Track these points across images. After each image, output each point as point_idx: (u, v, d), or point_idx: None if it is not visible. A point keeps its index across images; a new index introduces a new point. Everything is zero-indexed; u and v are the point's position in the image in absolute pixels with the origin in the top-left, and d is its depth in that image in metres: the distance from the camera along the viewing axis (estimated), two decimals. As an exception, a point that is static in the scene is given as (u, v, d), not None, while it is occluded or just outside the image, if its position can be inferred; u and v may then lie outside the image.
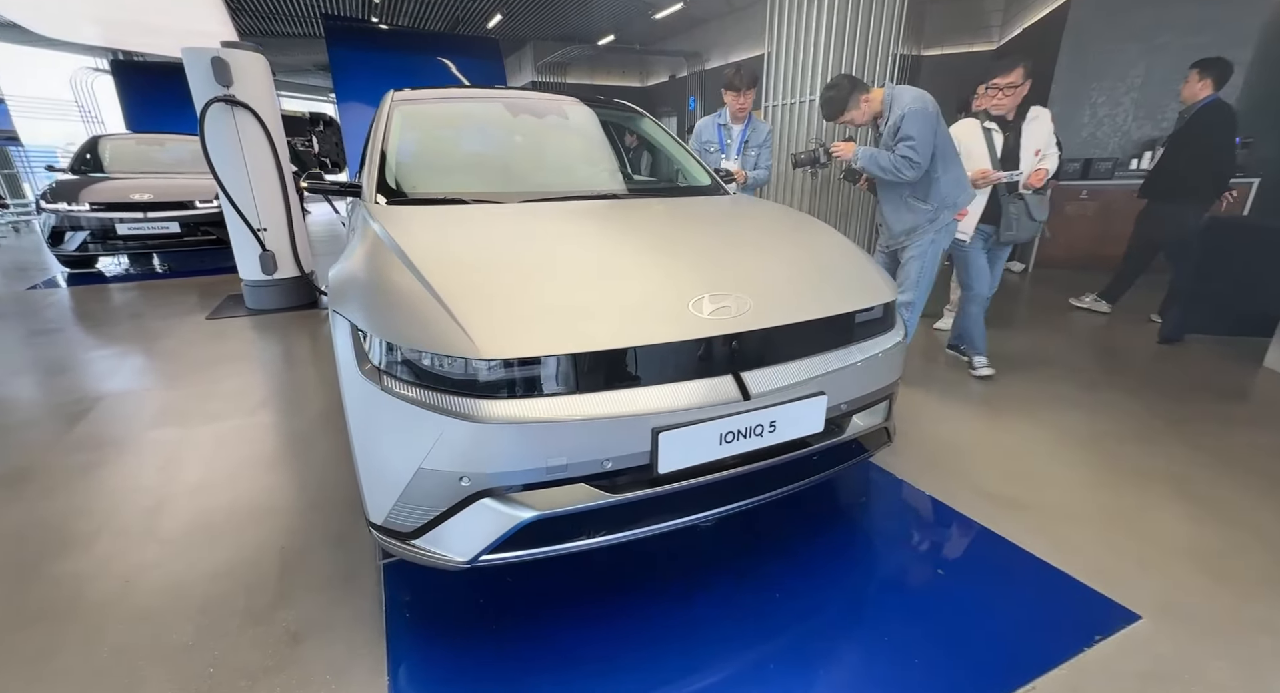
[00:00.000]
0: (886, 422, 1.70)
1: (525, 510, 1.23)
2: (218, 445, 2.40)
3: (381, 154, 2.11)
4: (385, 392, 1.23)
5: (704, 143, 3.47)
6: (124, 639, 1.42)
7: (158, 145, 7.23)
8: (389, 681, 1.30)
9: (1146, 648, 1.39)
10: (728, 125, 3.41)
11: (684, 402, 1.29)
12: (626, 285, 1.43)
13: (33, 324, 4.29)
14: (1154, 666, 1.34)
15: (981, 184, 2.91)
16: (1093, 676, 1.31)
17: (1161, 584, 1.60)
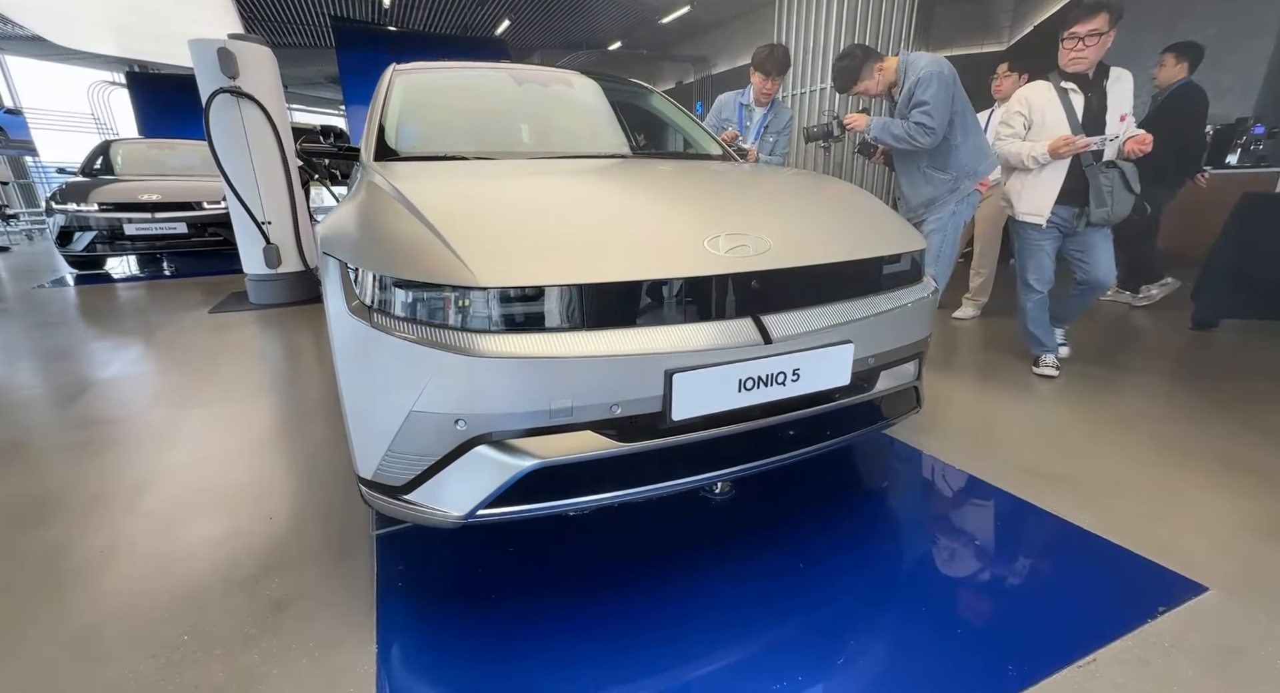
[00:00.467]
0: (916, 381, 1.57)
1: (526, 459, 1.12)
2: (211, 426, 2.31)
3: (381, 119, 2.04)
4: (376, 329, 1.13)
5: (723, 120, 3.31)
6: (96, 607, 1.31)
7: (168, 150, 7.29)
8: (377, 649, 1.18)
9: (1219, 620, 1.24)
10: (750, 106, 3.25)
11: (700, 343, 1.17)
12: (636, 223, 1.33)
13: (36, 318, 4.26)
14: (1230, 639, 1.19)
15: (1065, 152, 2.40)
16: (1161, 648, 1.16)
17: (1227, 556, 1.45)
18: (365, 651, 1.18)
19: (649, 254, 1.22)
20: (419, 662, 1.17)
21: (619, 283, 1.14)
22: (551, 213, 1.32)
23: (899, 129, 2.49)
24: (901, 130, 2.48)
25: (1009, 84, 3.74)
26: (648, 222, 1.34)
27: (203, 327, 3.92)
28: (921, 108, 2.41)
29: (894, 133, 2.51)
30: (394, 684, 1.11)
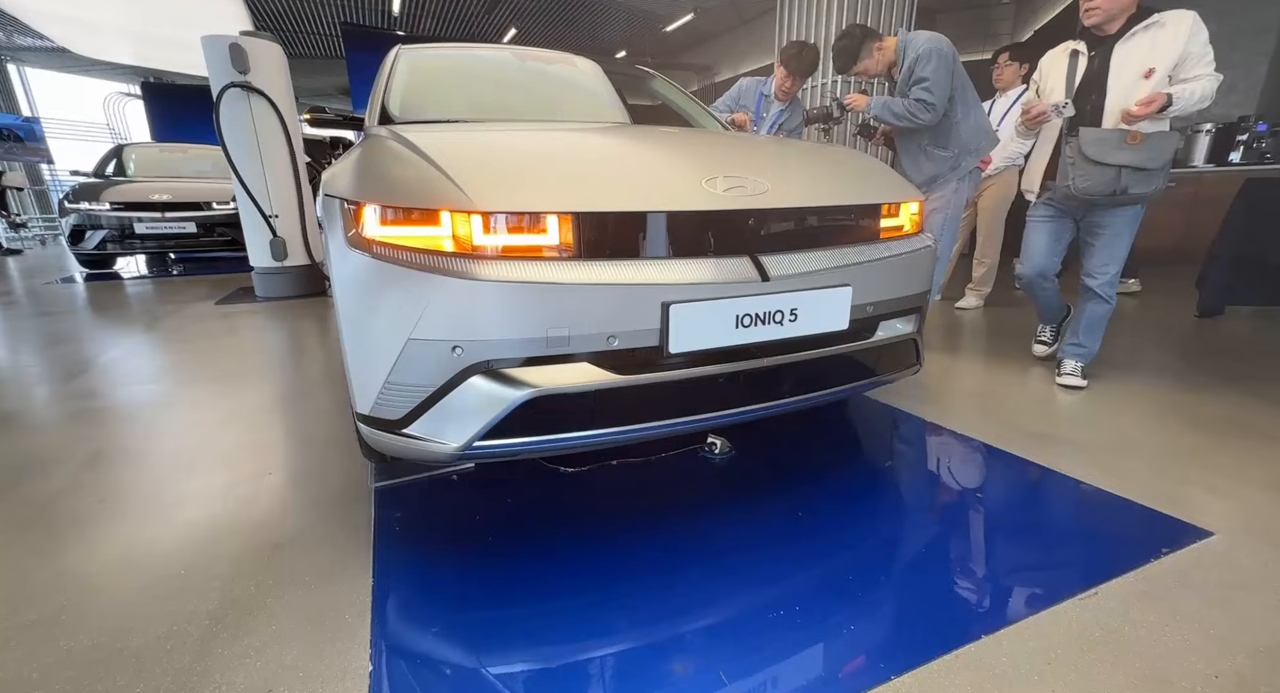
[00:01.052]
0: (915, 334, 1.57)
1: (523, 389, 1.12)
2: (212, 397, 2.32)
3: (385, 92, 2.07)
4: (374, 259, 1.14)
5: (740, 105, 3.24)
6: (93, 547, 1.31)
7: (180, 154, 7.42)
8: (373, 582, 1.17)
9: (1225, 561, 1.22)
10: (769, 97, 3.18)
11: (697, 277, 1.18)
12: (634, 164, 1.35)
13: (43, 308, 4.31)
14: (1236, 576, 1.17)
15: (1028, 122, 2.24)
16: (1164, 584, 1.14)
17: (1233, 505, 1.43)
18: (362, 584, 1.17)
19: (646, 189, 1.23)
20: (416, 596, 1.16)
21: (616, 212, 1.16)
22: (551, 153, 1.35)
23: (900, 107, 2.51)
24: (902, 108, 2.50)
25: (1010, 73, 3.77)
26: (646, 164, 1.36)
27: (208, 316, 3.96)
28: (922, 85, 2.44)
29: (895, 111, 2.53)
30: (391, 613, 1.10)
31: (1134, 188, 2.01)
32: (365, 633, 1.04)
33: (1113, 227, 2.13)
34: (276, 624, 1.06)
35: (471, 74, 2.35)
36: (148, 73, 12.52)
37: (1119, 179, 2.02)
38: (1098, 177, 2.05)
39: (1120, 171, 2.02)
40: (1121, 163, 2.01)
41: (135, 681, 0.93)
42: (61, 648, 1.00)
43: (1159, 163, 1.97)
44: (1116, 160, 2.01)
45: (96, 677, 0.94)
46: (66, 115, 13.38)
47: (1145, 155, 1.98)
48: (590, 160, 1.34)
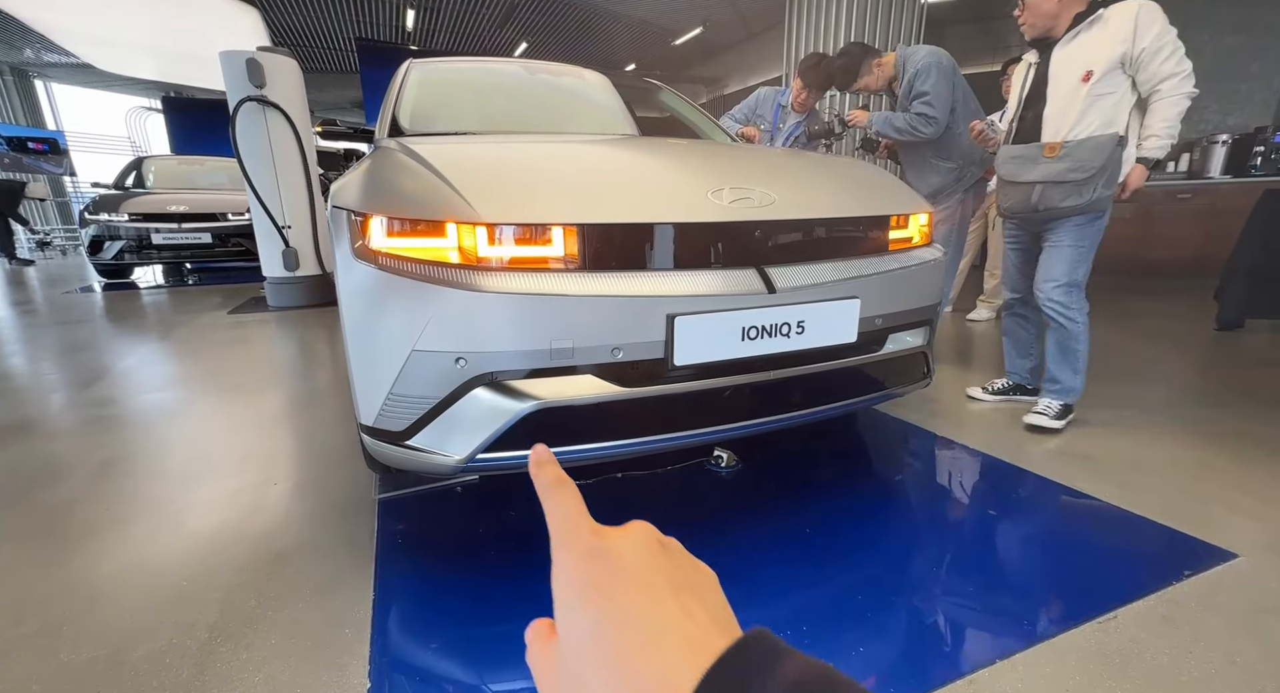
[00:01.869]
0: (926, 347, 1.54)
1: (526, 401, 1.11)
2: (223, 406, 2.33)
3: (395, 105, 2.10)
4: (379, 269, 1.14)
5: (756, 115, 3.20)
6: (99, 555, 1.31)
7: (197, 166, 7.58)
8: (374, 597, 1.16)
9: (1251, 583, 1.18)
10: (787, 109, 3.13)
11: (702, 288, 1.17)
12: (639, 176, 1.35)
13: (61, 317, 4.39)
14: (1262, 600, 1.13)
15: (978, 143, 2.22)
16: (1187, 607, 1.10)
17: (1259, 526, 1.38)
18: (363, 598, 1.16)
19: (651, 200, 1.23)
20: (416, 611, 1.15)
21: (620, 224, 1.15)
22: (556, 165, 1.35)
23: (901, 122, 2.51)
24: (904, 122, 2.50)
25: None
26: (652, 175, 1.36)
27: (220, 325, 4.00)
28: (922, 99, 2.44)
29: (896, 125, 2.53)
30: (391, 628, 1.09)
31: (1059, 202, 1.89)
32: (364, 649, 1.03)
33: (1053, 239, 1.97)
34: (275, 638, 1.05)
35: (481, 87, 2.38)
36: (168, 87, 12.83)
37: (1036, 196, 1.92)
38: (1016, 195, 1.98)
39: (1036, 188, 1.92)
40: (1037, 178, 1.91)
41: (133, 694, 0.92)
42: (62, 660, 0.99)
43: (1086, 171, 1.82)
44: (1032, 177, 1.92)
45: (94, 690, 0.93)
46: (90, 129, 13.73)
47: (1066, 167, 1.85)
48: (596, 172, 1.35)
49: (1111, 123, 1.83)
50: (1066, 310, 1.96)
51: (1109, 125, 1.83)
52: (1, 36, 9.40)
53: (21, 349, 3.40)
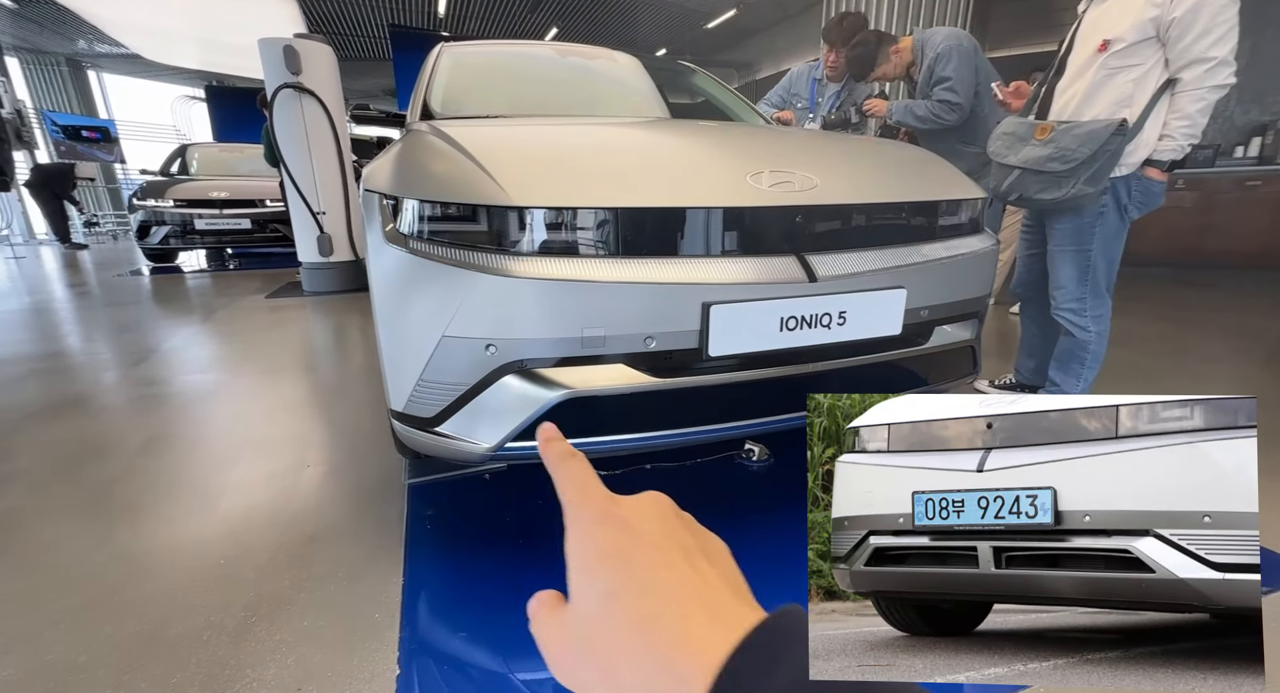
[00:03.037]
0: (973, 341, 1.46)
1: (556, 390, 1.08)
2: (259, 388, 2.39)
3: (427, 89, 2.08)
4: (410, 253, 1.12)
5: (792, 95, 3.09)
6: (142, 530, 1.35)
7: (237, 153, 7.78)
8: (404, 581, 1.17)
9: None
10: (823, 82, 2.99)
11: (740, 276, 1.12)
12: (675, 158, 1.30)
13: (111, 298, 4.58)
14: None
15: None
16: (1266, 628, 1.02)
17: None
18: (393, 582, 1.16)
19: (687, 184, 1.18)
20: (445, 596, 1.15)
21: (654, 208, 1.11)
22: (590, 147, 1.31)
23: (923, 110, 2.38)
24: (925, 110, 2.37)
25: None
26: (688, 158, 1.31)
27: (259, 309, 4.11)
28: (944, 85, 2.31)
29: (917, 114, 2.41)
30: (420, 613, 1.09)
31: (1033, 193, 1.69)
32: (394, 633, 1.03)
33: (1056, 238, 1.78)
34: (308, 620, 1.06)
35: (513, 70, 2.35)
36: (211, 76, 13.20)
37: (1010, 182, 1.72)
38: (998, 176, 1.75)
39: (1013, 173, 1.71)
40: (1018, 163, 1.70)
41: (172, 670, 0.94)
42: (106, 633, 1.02)
43: (1068, 162, 1.59)
44: (1015, 159, 1.71)
45: (136, 664, 0.96)
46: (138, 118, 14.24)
47: (1048, 153, 1.63)
48: (630, 155, 1.30)
49: (1126, 104, 1.58)
50: (1078, 318, 1.80)
51: (1122, 107, 1.58)
52: (58, 28, 9.77)
53: (76, 329, 3.56)
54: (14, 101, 8.21)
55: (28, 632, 1.03)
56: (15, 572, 1.20)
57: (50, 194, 8.78)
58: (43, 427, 1.97)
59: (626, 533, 0.23)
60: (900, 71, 2.49)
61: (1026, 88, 2.03)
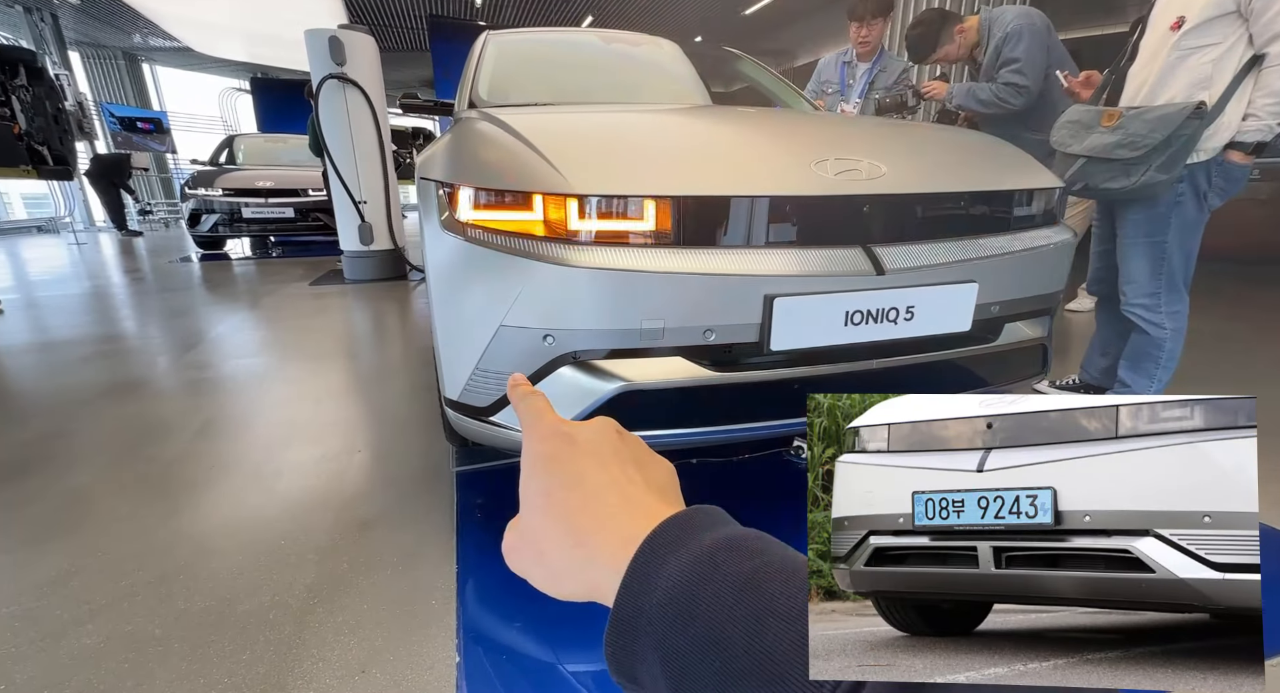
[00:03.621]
0: (1045, 338, 1.39)
1: (613, 381, 1.07)
2: (306, 374, 2.45)
3: (474, 77, 2.08)
4: (468, 242, 1.12)
5: (822, 83, 3.00)
6: (205, 510, 1.40)
7: (281, 143, 7.99)
8: (457, 568, 1.17)
9: None
10: (852, 63, 2.88)
11: (804, 268, 1.08)
12: (738, 146, 1.26)
13: (166, 284, 4.77)
14: None
15: None
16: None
17: None
18: (446, 570, 1.17)
19: (751, 172, 1.14)
20: (498, 586, 1.15)
21: (718, 197, 1.07)
22: (648, 134, 1.28)
23: (986, 93, 2.26)
24: (989, 94, 2.25)
25: None
26: (750, 146, 1.27)
27: (302, 295, 4.23)
28: (1012, 66, 2.18)
29: (980, 98, 2.28)
30: (475, 602, 1.10)
31: (1100, 183, 1.61)
32: (450, 620, 1.04)
33: (1126, 230, 1.69)
34: (367, 603, 1.07)
35: (559, 57, 2.32)
36: (255, 69, 13.57)
37: (1075, 171, 1.63)
38: (1062, 166, 1.65)
39: (1077, 162, 1.62)
40: (1082, 151, 1.62)
41: (241, 646, 0.97)
42: (179, 608, 1.06)
43: (1139, 148, 1.50)
44: (1080, 148, 1.63)
45: (208, 639, 0.98)
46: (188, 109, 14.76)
47: (1115, 140, 1.54)
48: (691, 142, 1.27)
49: (1203, 86, 1.48)
50: (1150, 314, 1.70)
51: (1199, 89, 1.48)
52: (117, 23, 10.17)
53: (133, 314, 3.71)
54: (76, 94, 8.59)
55: (107, 602, 1.07)
56: (93, 544, 1.25)
57: (108, 183, 9.20)
58: (108, 407, 2.06)
59: (566, 443, 0.26)
60: (964, 53, 2.37)
61: (1097, 77, 1.92)
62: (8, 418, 1.97)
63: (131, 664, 0.93)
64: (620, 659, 0.21)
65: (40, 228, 10.04)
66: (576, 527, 0.24)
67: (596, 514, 0.24)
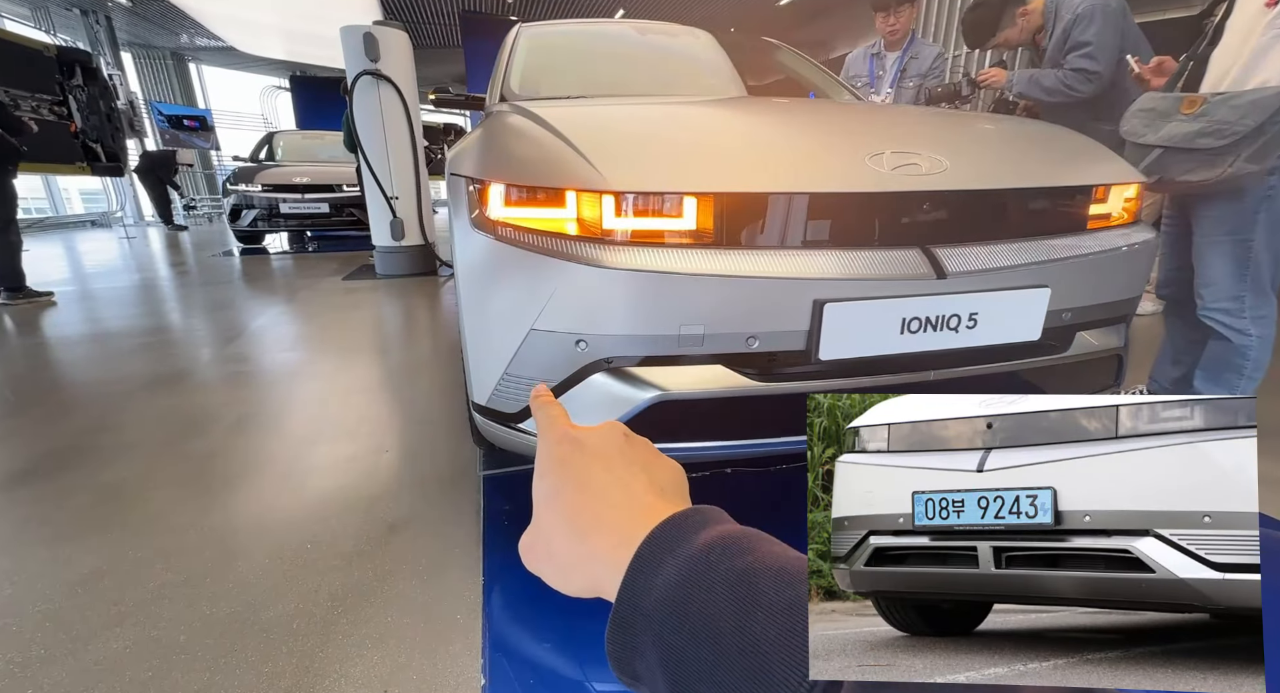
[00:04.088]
0: (1121, 348, 1.27)
1: (649, 390, 1.00)
2: (338, 370, 2.46)
3: (506, 70, 2.03)
4: (499, 241, 1.07)
5: (851, 78, 2.92)
6: (236, 508, 1.39)
7: (317, 140, 8.16)
8: (484, 580, 1.13)
9: None
10: (880, 55, 2.78)
11: (858, 271, 1.00)
12: (785, 139, 1.17)
13: (207, 278, 4.91)
14: None
15: None
16: None
17: None
18: (472, 580, 1.13)
19: (799, 167, 1.06)
20: (525, 600, 1.10)
21: (763, 193, 1.00)
22: (688, 128, 1.21)
23: (1051, 80, 2.09)
24: (1054, 81, 2.08)
25: None
26: (798, 138, 1.18)
27: (336, 290, 4.29)
28: (1082, 50, 2.00)
29: (1045, 85, 2.11)
30: (501, 617, 1.05)
31: (1180, 175, 1.46)
32: (476, 637, 0.99)
33: (1205, 227, 1.56)
34: (391, 615, 1.04)
35: (592, 49, 2.26)
36: (295, 67, 13.92)
37: (1150, 163, 1.49)
38: (1133, 158, 1.51)
39: (1154, 153, 1.49)
40: (1158, 142, 1.48)
41: (264, 658, 0.94)
42: (204, 613, 1.04)
43: (1225, 137, 1.37)
44: (1156, 138, 1.49)
45: (232, 648, 0.96)
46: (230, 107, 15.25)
47: (1198, 129, 1.40)
48: (735, 135, 1.19)
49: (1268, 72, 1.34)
50: (1232, 320, 1.55)
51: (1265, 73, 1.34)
52: (166, 24, 10.54)
53: (178, 306, 3.82)
54: (127, 93, 8.94)
55: (138, 603, 1.07)
56: (128, 541, 1.26)
57: (155, 179, 9.56)
58: (150, 400, 2.10)
59: (575, 447, 0.28)
60: (1025, 37, 2.20)
61: (1171, 63, 1.75)
62: (59, 409, 2.03)
63: (155, 673, 0.91)
64: (621, 656, 0.22)
65: (94, 222, 10.52)
66: (581, 526, 0.25)
67: (600, 514, 0.25)
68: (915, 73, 2.70)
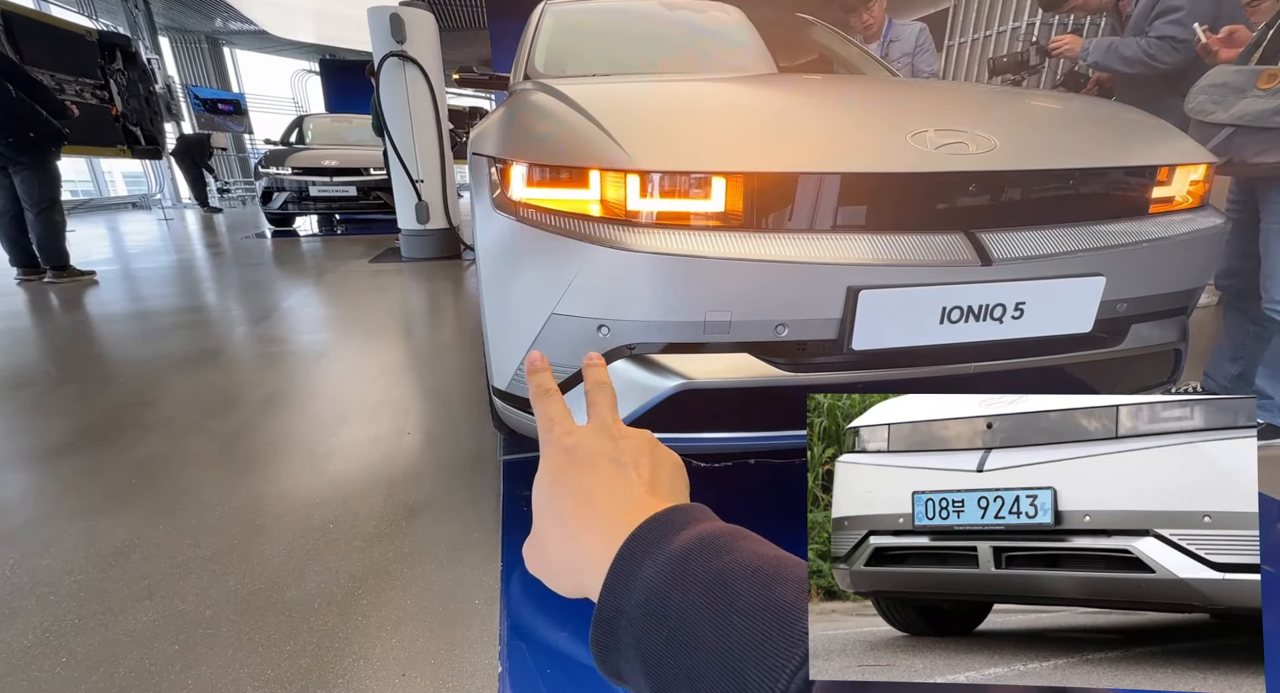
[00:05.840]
0: (1180, 342, 1.18)
1: (672, 378, 0.97)
2: (363, 351, 2.48)
3: (530, 49, 1.99)
4: (521, 222, 1.04)
5: None
6: (260, 488, 1.41)
7: (346, 123, 8.23)
8: (502, 566, 1.13)
9: None
10: None
11: (895, 256, 0.94)
12: (820, 116, 1.11)
13: (241, 259, 5.02)
14: None
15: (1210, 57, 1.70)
16: None
17: None
18: (490, 566, 1.13)
19: (835, 146, 1.00)
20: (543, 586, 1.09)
21: (796, 173, 0.94)
22: (718, 105, 1.15)
23: (1133, 49, 1.94)
24: (1137, 50, 1.93)
25: None
26: (834, 115, 1.12)
27: (362, 273, 4.34)
28: (1171, 15, 1.85)
29: (1125, 55, 1.96)
30: (520, 604, 1.04)
31: (1254, 156, 1.37)
32: (493, 623, 0.99)
33: (1274, 214, 1.46)
34: (410, 598, 1.04)
35: (618, 26, 2.20)
36: (325, 50, 14.03)
37: (1221, 141, 1.39)
38: (1199, 137, 1.41)
39: (1224, 131, 1.39)
40: (1230, 120, 1.38)
41: (286, 636, 0.95)
42: (230, 589, 1.06)
43: None
44: (1227, 115, 1.39)
45: (255, 625, 0.98)
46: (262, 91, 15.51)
47: (1277, 105, 1.32)
48: (767, 113, 1.13)
49: None
50: None
51: None
52: (202, 8, 10.71)
53: (213, 286, 3.91)
54: (165, 77, 9.13)
55: (166, 577, 1.09)
56: (158, 516, 1.29)
57: (190, 162, 9.79)
58: (184, 377, 2.15)
59: (567, 458, 0.29)
60: (1106, 2, 2.07)
61: (1245, 33, 1.61)
62: (98, 384, 2.09)
63: (181, 647, 0.93)
64: (605, 658, 0.23)
65: (134, 204, 10.86)
66: (569, 529, 0.26)
67: (585, 517, 0.26)
68: (900, 53, 2.63)
